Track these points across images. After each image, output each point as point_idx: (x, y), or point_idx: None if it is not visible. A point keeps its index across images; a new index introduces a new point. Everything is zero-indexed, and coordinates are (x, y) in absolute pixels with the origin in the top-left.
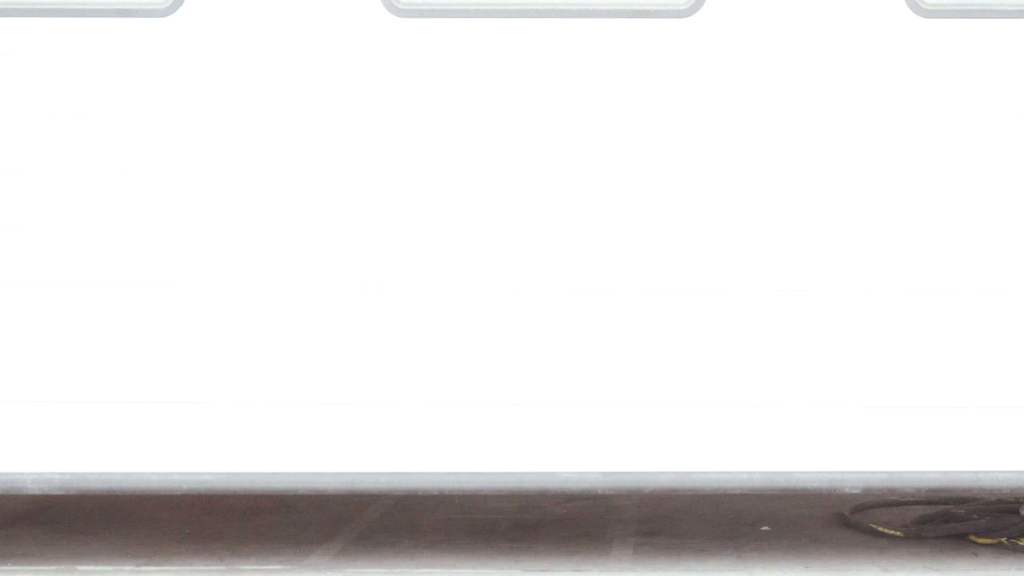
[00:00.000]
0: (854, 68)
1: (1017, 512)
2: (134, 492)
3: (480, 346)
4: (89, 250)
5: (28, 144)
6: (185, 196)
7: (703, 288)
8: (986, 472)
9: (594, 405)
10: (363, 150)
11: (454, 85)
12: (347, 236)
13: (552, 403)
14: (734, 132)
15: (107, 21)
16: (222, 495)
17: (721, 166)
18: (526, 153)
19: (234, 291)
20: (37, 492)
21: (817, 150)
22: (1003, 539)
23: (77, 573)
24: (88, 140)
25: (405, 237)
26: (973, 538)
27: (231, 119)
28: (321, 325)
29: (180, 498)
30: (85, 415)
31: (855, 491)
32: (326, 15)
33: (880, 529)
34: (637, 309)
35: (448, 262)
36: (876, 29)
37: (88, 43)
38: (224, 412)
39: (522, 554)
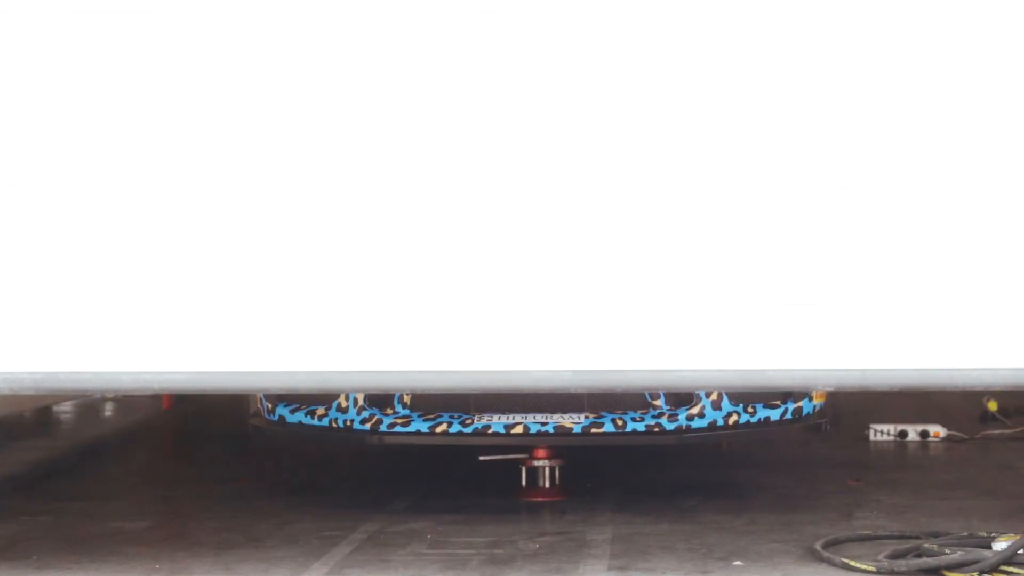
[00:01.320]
0: None
1: (989, 547)
2: (105, 390)
3: (451, 244)
4: (60, 150)
5: None
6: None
7: (674, 185)
8: (959, 370)
9: (567, 303)
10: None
11: None
12: (322, 140)
13: (524, 301)
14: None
15: None
16: (195, 530)
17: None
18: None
19: (202, 189)
20: (8, 392)
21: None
22: (975, 574)
23: None
24: None
25: (371, 137)
26: (945, 573)
27: None
28: (289, 225)
29: (151, 533)
30: (56, 314)
31: (828, 388)
32: None
33: (852, 564)
34: (609, 207)
35: (415, 159)
36: None
37: None
38: (196, 311)
39: None
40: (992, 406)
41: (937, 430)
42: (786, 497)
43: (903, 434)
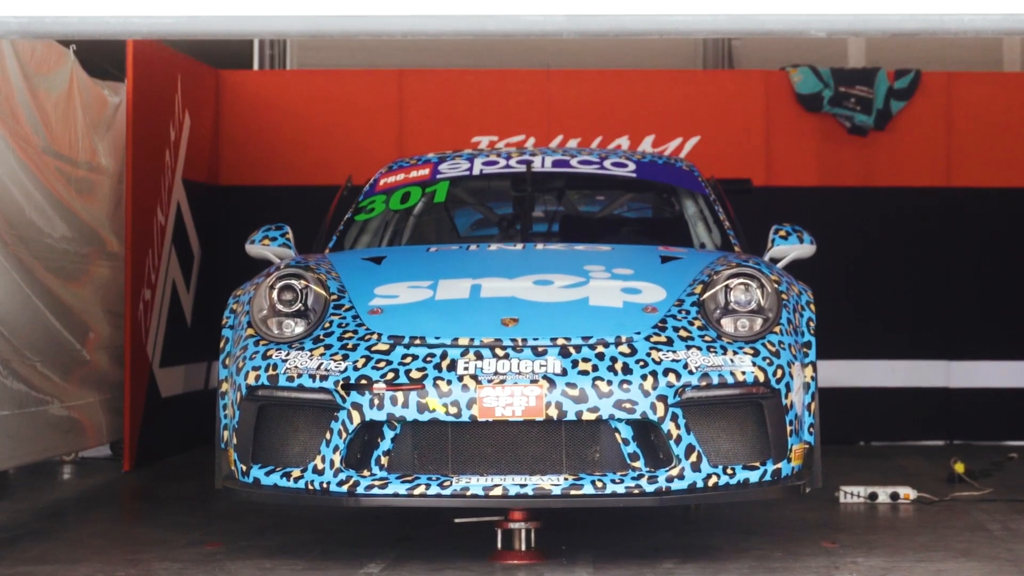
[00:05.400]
0: None
1: None
2: (92, 36)
3: None
4: None
5: None
6: None
7: None
8: (951, 15)
9: None
10: None
11: None
12: None
13: None
14: None
15: None
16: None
17: None
18: None
19: None
20: None
21: None
22: None
23: None
24: None
25: None
26: None
27: None
28: None
29: None
30: None
31: (821, 34)
32: None
33: None
34: None
35: None
36: None
37: None
38: None
39: None
40: (959, 468)
41: (907, 492)
42: (763, 559)
43: (873, 496)
